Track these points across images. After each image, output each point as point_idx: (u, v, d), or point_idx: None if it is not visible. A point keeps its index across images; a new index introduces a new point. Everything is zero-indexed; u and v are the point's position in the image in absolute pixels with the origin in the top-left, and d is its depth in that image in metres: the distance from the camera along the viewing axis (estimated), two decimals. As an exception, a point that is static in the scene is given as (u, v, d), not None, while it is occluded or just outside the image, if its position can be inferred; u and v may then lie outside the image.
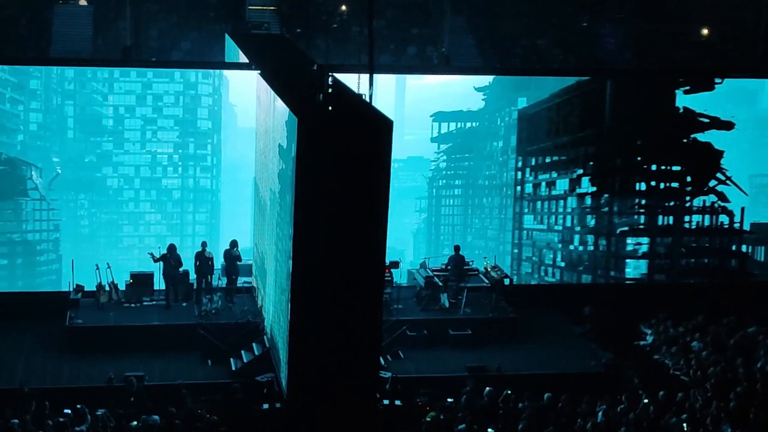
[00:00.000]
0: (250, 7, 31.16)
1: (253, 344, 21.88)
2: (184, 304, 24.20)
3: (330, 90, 17.66)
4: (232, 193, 26.95)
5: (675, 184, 28.51)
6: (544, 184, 28.10)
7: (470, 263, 25.76)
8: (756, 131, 29.90)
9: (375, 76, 19.86)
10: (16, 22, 30.29)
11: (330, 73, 18.06)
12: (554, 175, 28.06)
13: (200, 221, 26.90)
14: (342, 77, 19.17)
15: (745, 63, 32.55)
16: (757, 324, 23.78)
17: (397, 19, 32.40)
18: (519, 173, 28.17)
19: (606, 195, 28.01)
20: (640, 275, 28.19)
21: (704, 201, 28.44)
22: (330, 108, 17.36)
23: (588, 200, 28.03)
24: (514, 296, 24.87)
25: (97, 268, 24.10)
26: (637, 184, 28.47)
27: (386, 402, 19.73)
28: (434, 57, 31.09)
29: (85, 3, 31.06)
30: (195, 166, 26.88)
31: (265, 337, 21.78)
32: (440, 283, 24.80)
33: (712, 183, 28.47)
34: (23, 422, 18.22)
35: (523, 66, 31.50)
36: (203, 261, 23.84)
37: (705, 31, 33.17)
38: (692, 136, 28.13)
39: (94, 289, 24.09)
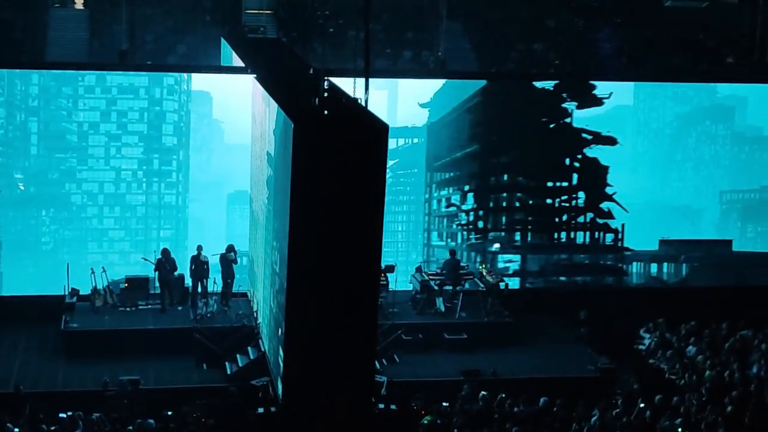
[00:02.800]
0: (246, 11, 31.16)
1: (249, 348, 21.86)
2: (180, 308, 24.20)
3: (326, 94, 17.65)
4: (208, 209, 26.92)
5: (549, 200, 28.42)
6: (444, 200, 28.25)
7: (466, 267, 25.77)
8: (735, 147, 29.88)
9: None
10: (11, 25, 30.27)
11: (326, 77, 18.05)
12: (450, 191, 28.17)
13: (165, 238, 26.78)
14: (338, 81, 19.18)
15: (741, 68, 32.62)
16: (751, 328, 23.81)
17: (393, 24, 32.41)
18: (427, 189, 28.25)
19: (482, 211, 28.16)
20: None
21: (593, 218, 28.28)
22: (326, 112, 17.36)
23: (471, 217, 28.14)
24: (510, 300, 24.88)
25: (92, 272, 24.10)
26: (516, 201, 28.51)
27: (382, 406, 19.70)
28: (430, 61, 31.11)
29: (81, 7, 31.07)
30: (160, 182, 26.84)
31: (260, 340, 21.77)
32: (436, 287, 24.80)
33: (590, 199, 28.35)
34: (21, 428, 18.20)
35: (519, 70, 31.54)
36: (198, 265, 23.82)
37: (701, 36, 33.28)
38: (584, 151, 28.15)
39: (89, 293, 24.08)
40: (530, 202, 28.34)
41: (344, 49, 30.92)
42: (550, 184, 28.29)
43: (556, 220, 28.35)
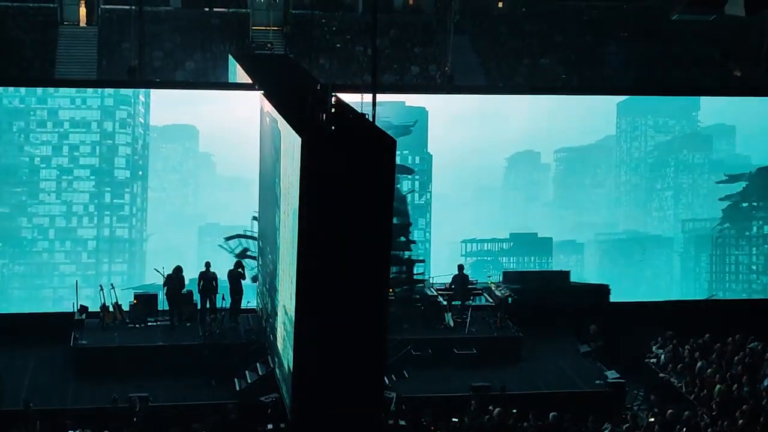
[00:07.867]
0: (254, 28, 31.38)
1: (258, 364, 21.84)
2: (188, 325, 24.18)
3: (333, 110, 17.69)
4: (175, 241, 26.79)
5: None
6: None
7: (475, 282, 25.73)
8: (713, 176, 29.85)
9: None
10: (20, 43, 30.51)
11: (333, 93, 18.10)
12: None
13: (117, 271, 26.76)
14: (345, 97, 19.22)
15: (748, 82, 32.64)
16: (761, 341, 23.72)
17: (400, 39, 32.54)
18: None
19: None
20: None
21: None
22: (333, 128, 17.39)
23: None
24: (519, 315, 24.82)
25: (101, 289, 24.13)
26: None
27: (391, 422, 19.66)
28: (437, 76, 31.21)
29: (90, 25, 31.28)
30: (112, 215, 26.82)
31: (269, 356, 21.76)
32: (445, 303, 24.77)
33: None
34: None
35: (526, 85, 31.62)
36: (207, 281, 23.84)
37: (708, 50, 33.33)
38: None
39: (98, 309, 24.10)
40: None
41: (351, 65, 31.09)
42: None
43: None
